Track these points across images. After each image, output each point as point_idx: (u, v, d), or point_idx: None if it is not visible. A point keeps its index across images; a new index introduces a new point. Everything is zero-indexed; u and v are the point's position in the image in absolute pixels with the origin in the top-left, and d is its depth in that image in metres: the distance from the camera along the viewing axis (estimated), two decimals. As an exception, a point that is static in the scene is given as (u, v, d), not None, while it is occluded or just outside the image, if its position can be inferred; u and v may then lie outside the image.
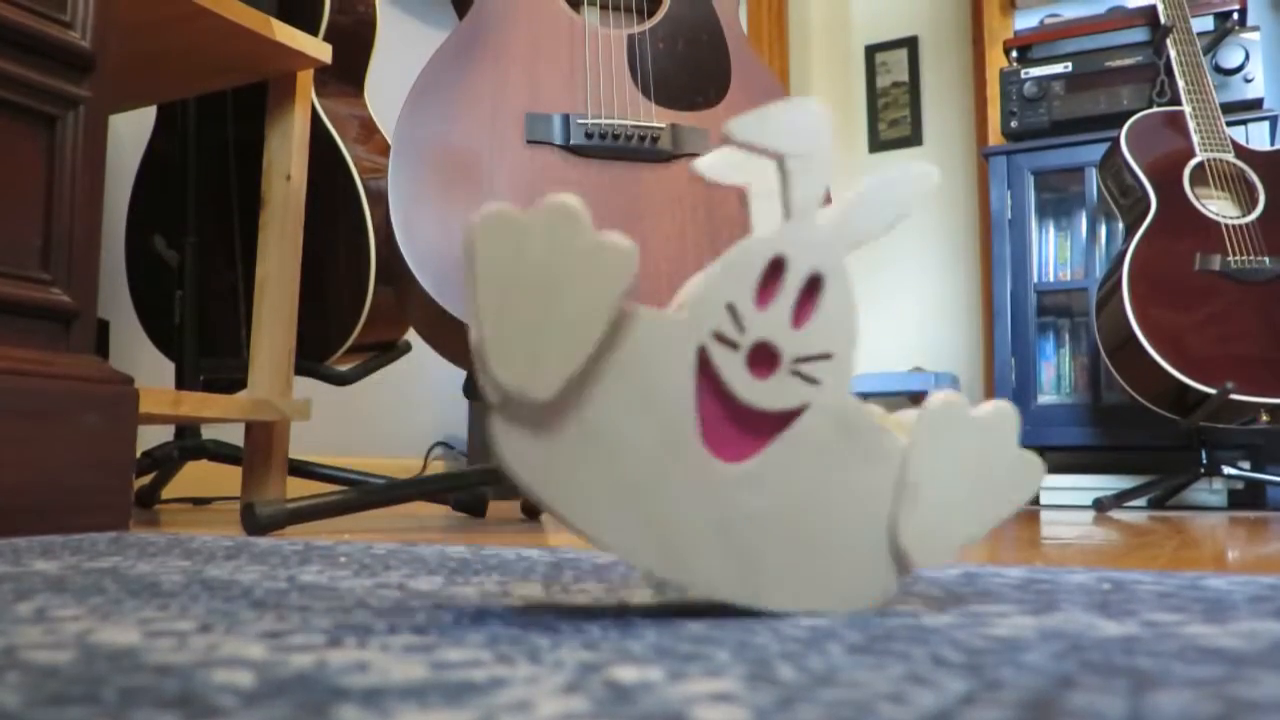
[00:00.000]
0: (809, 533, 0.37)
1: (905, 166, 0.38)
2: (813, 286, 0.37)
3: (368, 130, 1.47)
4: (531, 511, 1.35)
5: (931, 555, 0.38)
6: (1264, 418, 1.54)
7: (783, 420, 0.37)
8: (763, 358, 0.36)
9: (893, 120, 3.08)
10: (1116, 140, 1.84)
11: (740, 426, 0.36)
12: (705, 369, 0.36)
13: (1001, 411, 0.38)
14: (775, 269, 0.36)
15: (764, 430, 0.37)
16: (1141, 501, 1.85)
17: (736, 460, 0.36)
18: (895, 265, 3.02)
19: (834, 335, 0.37)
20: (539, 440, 0.33)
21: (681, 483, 0.35)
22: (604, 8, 1.06)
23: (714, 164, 0.37)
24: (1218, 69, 2.01)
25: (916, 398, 2.95)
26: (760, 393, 0.36)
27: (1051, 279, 2.22)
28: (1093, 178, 2.09)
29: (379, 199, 1.36)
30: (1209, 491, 1.94)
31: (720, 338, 0.36)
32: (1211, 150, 1.79)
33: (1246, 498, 1.99)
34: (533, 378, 0.32)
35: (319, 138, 1.35)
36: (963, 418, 0.38)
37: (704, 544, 0.35)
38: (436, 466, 2.08)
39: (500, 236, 0.32)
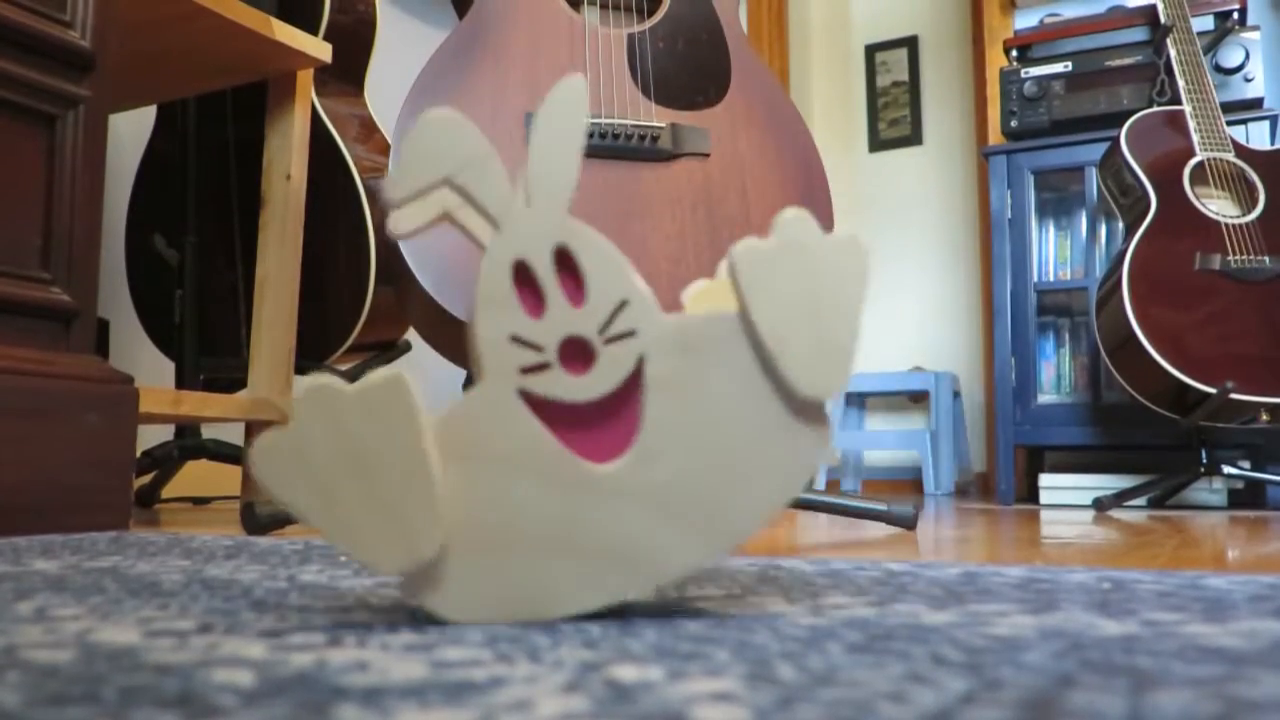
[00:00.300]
0: (726, 458, 0.36)
1: (550, 92, 0.37)
2: (564, 262, 0.36)
3: (368, 129, 1.47)
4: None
5: (830, 382, 0.37)
6: (1264, 417, 1.54)
7: (632, 386, 0.36)
8: (575, 353, 0.36)
9: (893, 119, 3.08)
10: (1116, 140, 1.84)
11: (604, 422, 0.36)
12: (538, 403, 0.35)
13: (792, 219, 0.37)
14: (522, 273, 0.35)
15: (624, 407, 0.36)
16: (1141, 501, 1.85)
17: (623, 451, 0.36)
18: (895, 265, 3.02)
19: (613, 284, 0.36)
20: (457, 579, 0.34)
21: (595, 507, 0.35)
22: (604, 7, 1.06)
23: (404, 218, 0.36)
24: (1218, 68, 2.01)
25: (917, 397, 2.95)
26: (596, 382, 0.36)
27: (1051, 278, 2.22)
28: (1093, 177, 2.09)
29: (379, 198, 1.37)
30: (1209, 491, 1.94)
31: (528, 369, 0.35)
32: (1211, 150, 1.79)
33: (1246, 497, 1.99)
34: (415, 547, 0.33)
35: (319, 137, 1.35)
36: (766, 249, 0.36)
37: (655, 537, 0.35)
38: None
39: (284, 459, 0.32)
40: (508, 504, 0.35)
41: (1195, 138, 1.81)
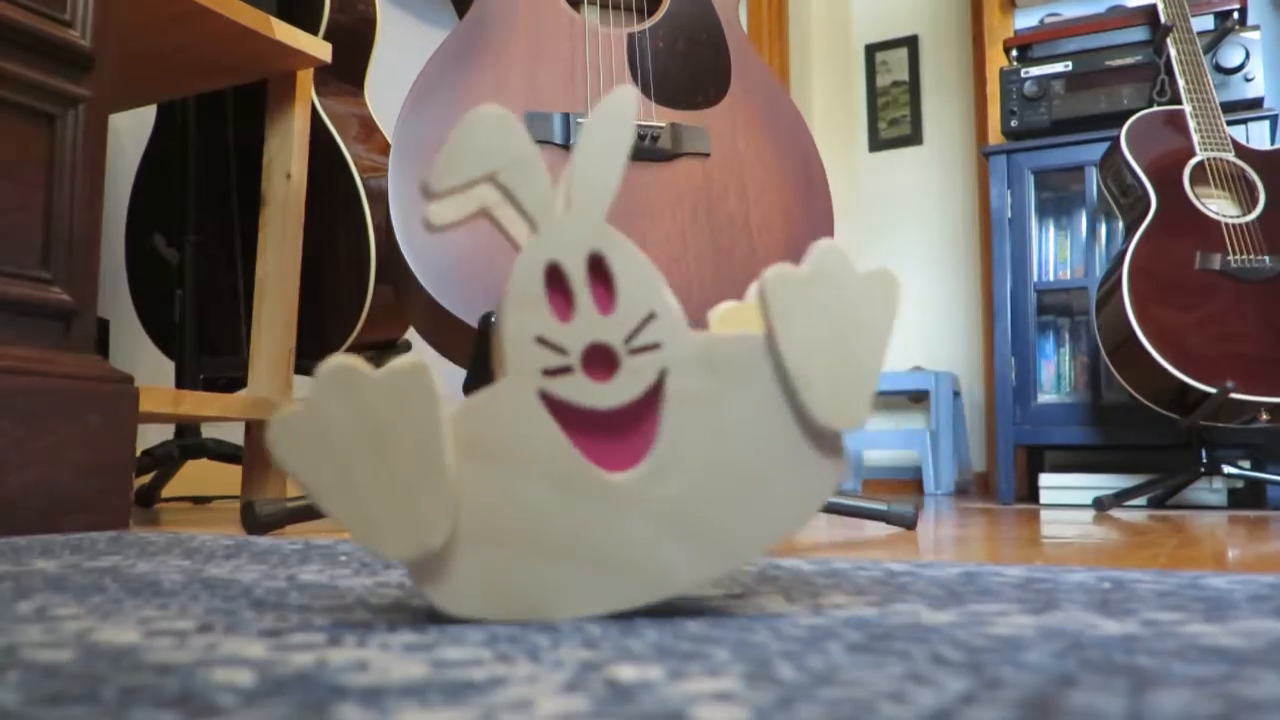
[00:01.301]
0: (741, 478, 0.36)
1: (602, 100, 0.36)
2: (596, 269, 0.36)
3: (368, 129, 1.46)
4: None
5: (848, 412, 0.37)
6: (1264, 417, 1.54)
7: (652, 399, 0.36)
8: (600, 360, 0.36)
9: (893, 119, 3.08)
10: (1116, 139, 1.84)
11: (621, 432, 0.36)
12: (556, 406, 0.35)
13: (825, 250, 0.37)
14: (554, 276, 0.36)
15: (642, 419, 0.36)
16: (1141, 500, 1.85)
17: (637, 461, 0.36)
18: (895, 264, 3.02)
19: (643, 295, 0.36)
20: (464, 573, 0.34)
21: (604, 515, 0.35)
22: (604, 6, 1.06)
23: (441, 211, 0.36)
24: (1218, 68, 2.01)
25: (917, 397, 2.95)
26: (617, 391, 0.36)
27: (1051, 278, 2.22)
28: (1093, 177, 2.09)
29: (379, 198, 1.36)
30: (1209, 491, 1.94)
31: (550, 372, 0.35)
32: (1212, 149, 1.79)
33: (1246, 497, 1.99)
34: (422, 535, 0.33)
35: (319, 137, 1.35)
36: (799, 278, 0.37)
37: (660, 551, 0.35)
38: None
39: (302, 435, 0.32)
40: (519, 504, 0.35)
41: (1195, 137, 1.81)
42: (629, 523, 0.35)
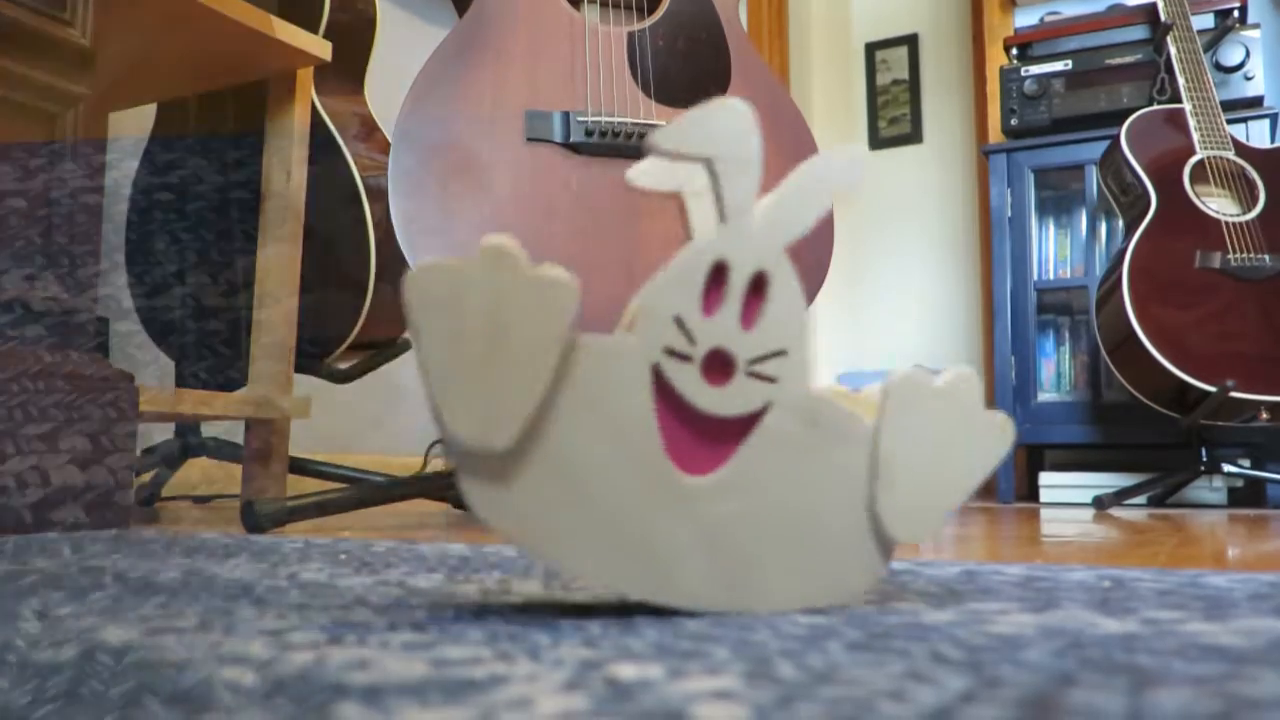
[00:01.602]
0: (790, 531, 0.37)
1: (834, 151, 0.37)
2: (757, 285, 0.36)
3: (368, 128, 1.46)
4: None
5: (914, 530, 0.37)
6: (1264, 415, 1.54)
7: (747, 424, 0.37)
8: (718, 365, 0.36)
9: (893, 118, 3.08)
10: (1117, 138, 1.84)
11: (705, 437, 0.36)
12: (662, 385, 0.36)
13: (962, 377, 0.38)
14: (718, 273, 0.36)
15: (729, 436, 0.37)
16: (1141, 499, 1.85)
17: (707, 471, 0.36)
18: (895, 263, 3.02)
19: (785, 331, 0.37)
20: (508, 486, 0.34)
21: (655, 503, 0.35)
22: (604, 5, 1.06)
23: (645, 172, 0.36)
24: (1218, 66, 2.01)
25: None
26: (720, 400, 0.36)
27: (1051, 277, 2.22)
28: (1093, 175, 2.09)
29: (379, 196, 1.36)
30: (1209, 489, 1.94)
31: (672, 352, 0.35)
32: (1212, 148, 1.79)
33: (1246, 495, 1.99)
34: (490, 428, 0.33)
35: (319, 135, 1.35)
36: (926, 388, 0.38)
37: (688, 560, 0.35)
38: (436, 464, 2.08)
39: (438, 288, 0.32)
40: (585, 452, 0.34)
41: (1195, 136, 1.81)
42: (672, 521, 0.35)
